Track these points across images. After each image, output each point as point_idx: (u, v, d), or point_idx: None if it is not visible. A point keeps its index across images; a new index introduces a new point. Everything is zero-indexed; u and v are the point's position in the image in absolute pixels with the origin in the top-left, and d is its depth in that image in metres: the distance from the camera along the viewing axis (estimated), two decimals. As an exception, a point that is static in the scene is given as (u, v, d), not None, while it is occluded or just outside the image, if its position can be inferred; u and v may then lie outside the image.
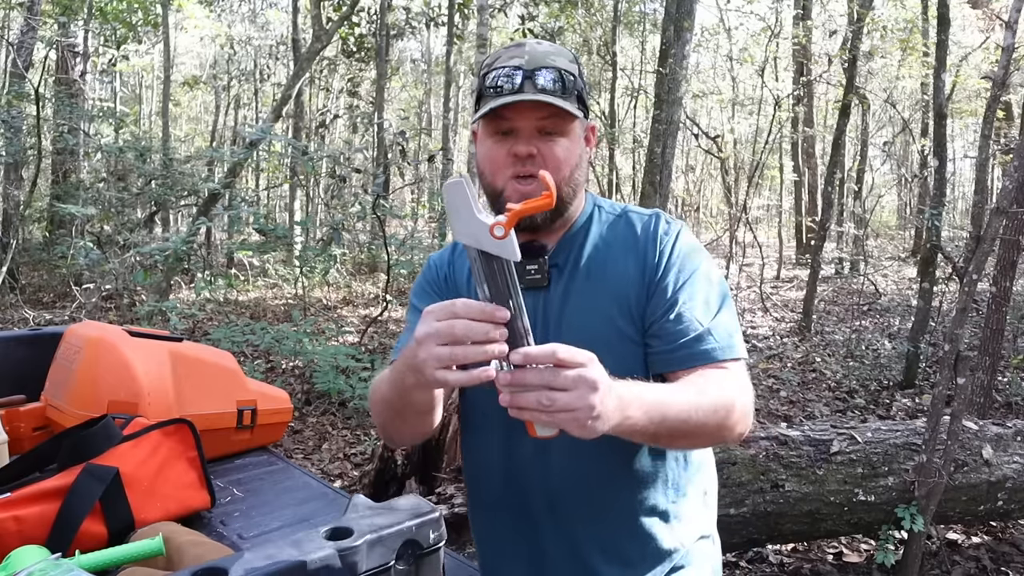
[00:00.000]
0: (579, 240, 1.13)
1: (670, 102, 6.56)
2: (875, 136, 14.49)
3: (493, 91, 1.04)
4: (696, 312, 1.05)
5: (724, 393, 0.99)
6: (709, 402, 0.96)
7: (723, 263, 8.59)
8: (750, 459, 2.40)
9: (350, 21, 9.69)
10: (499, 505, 1.17)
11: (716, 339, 1.04)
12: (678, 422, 0.93)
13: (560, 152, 1.05)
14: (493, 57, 1.09)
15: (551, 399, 0.77)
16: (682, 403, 0.94)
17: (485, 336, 0.77)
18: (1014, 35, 2.66)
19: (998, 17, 6.62)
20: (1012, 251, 3.94)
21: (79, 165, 9.68)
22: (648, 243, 1.11)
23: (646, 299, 1.08)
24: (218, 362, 1.47)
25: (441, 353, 0.78)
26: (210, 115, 17.35)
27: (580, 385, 0.77)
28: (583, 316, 1.08)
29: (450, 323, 0.78)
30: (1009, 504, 2.54)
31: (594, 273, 1.10)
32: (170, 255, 5.72)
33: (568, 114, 1.04)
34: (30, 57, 8.84)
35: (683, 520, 1.14)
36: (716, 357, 1.03)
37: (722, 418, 0.97)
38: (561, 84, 1.04)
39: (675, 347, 1.04)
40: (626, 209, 1.17)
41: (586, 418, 0.78)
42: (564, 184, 1.06)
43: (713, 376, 1.01)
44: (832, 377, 5.43)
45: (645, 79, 12.76)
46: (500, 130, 1.05)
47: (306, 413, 4.52)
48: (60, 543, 0.97)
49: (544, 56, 1.05)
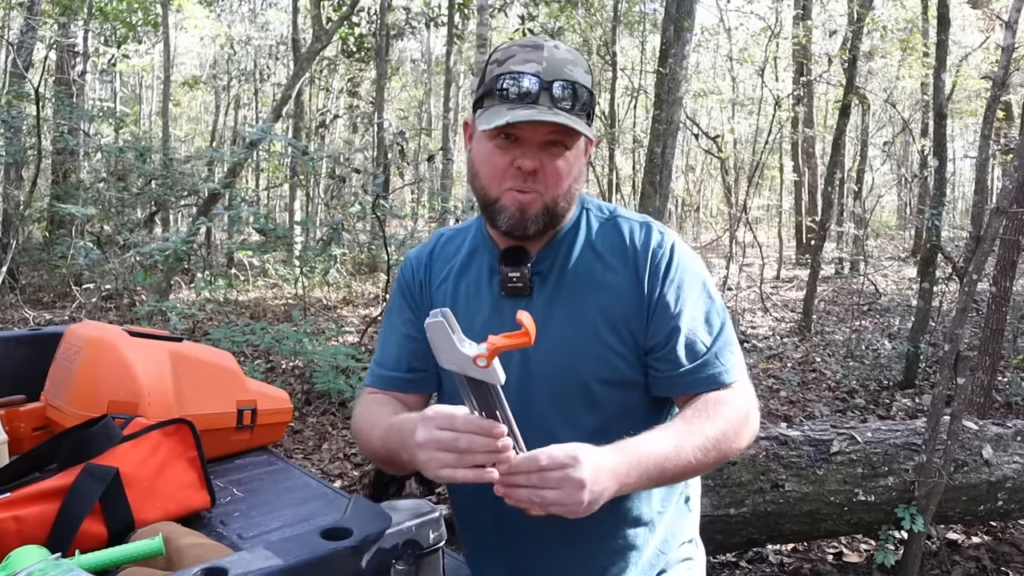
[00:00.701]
0: (564, 246, 1.10)
1: (670, 102, 6.56)
2: (875, 136, 14.49)
3: (505, 95, 0.99)
4: (700, 334, 1.04)
5: (730, 419, 1.00)
6: (713, 436, 0.97)
7: (723, 263, 8.59)
8: (750, 459, 2.40)
9: (350, 21, 9.69)
10: (478, 520, 1.16)
11: (722, 362, 1.03)
12: (678, 471, 0.95)
13: (562, 166, 1.03)
14: (505, 53, 1.03)
15: (541, 497, 0.83)
16: (684, 451, 0.94)
17: (485, 451, 0.82)
18: (1014, 35, 2.66)
19: (998, 17, 6.62)
20: (1012, 251, 3.94)
21: (79, 165, 9.67)
22: (639, 256, 1.07)
23: (645, 320, 1.05)
24: (218, 362, 1.47)
25: (445, 459, 0.82)
26: (210, 115, 17.34)
27: (566, 485, 0.82)
28: (566, 325, 1.06)
29: (454, 436, 0.82)
30: (1009, 504, 2.54)
31: (579, 281, 1.08)
32: (170, 255, 5.71)
33: (576, 131, 1.00)
34: (30, 57, 8.84)
35: (666, 528, 1.13)
36: (724, 382, 1.03)
37: (726, 446, 0.99)
38: (576, 100, 1.00)
39: (682, 373, 1.03)
40: (615, 213, 1.14)
41: (577, 510, 0.83)
42: (561, 198, 1.04)
43: (720, 401, 1.01)
44: (832, 377, 5.43)
45: (645, 79, 12.76)
46: (504, 134, 1.01)
47: (306, 413, 4.52)
48: (60, 543, 0.97)
49: (563, 65, 1.00)
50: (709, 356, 1.03)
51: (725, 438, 0.98)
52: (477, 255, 1.14)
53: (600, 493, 0.85)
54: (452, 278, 1.15)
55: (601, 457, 0.86)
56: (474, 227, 1.18)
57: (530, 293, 1.08)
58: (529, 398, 1.04)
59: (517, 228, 1.04)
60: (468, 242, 1.17)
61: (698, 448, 0.95)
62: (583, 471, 0.82)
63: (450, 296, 1.14)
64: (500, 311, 1.09)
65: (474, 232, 1.17)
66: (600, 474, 0.84)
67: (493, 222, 1.06)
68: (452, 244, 1.19)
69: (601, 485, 0.84)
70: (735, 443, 1.00)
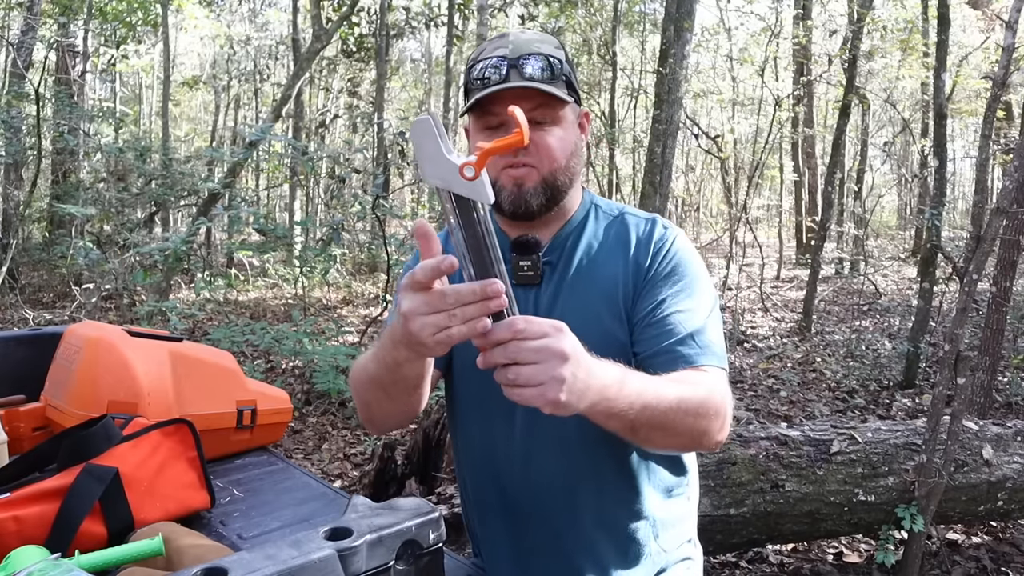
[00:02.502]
0: (573, 238, 1.11)
1: (670, 102, 6.56)
2: (875, 136, 14.50)
3: (479, 83, 1.02)
4: (681, 317, 1.03)
5: (711, 396, 0.96)
6: (695, 401, 0.93)
7: (723, 263, 8.59)
8: (750, 459, 2.40)
9: (350, 21, 9.69)
10: (485, 502, 1.17)
11: (698, 344, 1.02)
12: (659, 413, 0.88)
13: (554, 142, 1.03)
14: (478, 51, 1.07)
15: (516, 373, 0.73)
16: (667, 395, 0.90)
17: (475, 300, 0.73)
18: (1014, 35, 2.66)
19: (998, 17, 6.61)
20: (1012, 251, 3.94)
21: (79, 165, 9.67)
22: (641, 246, 1.09)
23: (632, 300, 1.06)
24: (218, 362, 1.47)
25: (437, 320, 0.74)
26: (210, 115, 17.33)
27: (545, 356, 0.73)
28: (572, 317, 1.04)
29: (440, 292, 0.74)
30: (1009, 504, 2.54)
31: (585, 273, 1.09)
32: (170, 255, 5.71)
33: (558, 101, 1.02)
34: (30, 57, 8.84)
35: (668, 524, 1.13)
36: (697, 362, 1.00)
37: (706, 420, 0.95)
38: (549, 71, 1.01)
39: (658, 350, 1.02)
40: (623, 211, 1.15)
41: (555, 392, 0.73)
42: (560, 173, 1.05)
43: (697, 379, 0.99)
44: (832, 377, 5.42)
45: (645, 79, 12.76)
46: (489, 125, 1.03)
47: (306, 413, 4.52)
48: (60, 543, 0.97)
49: (528, 44, 1.03)
50: (685, 336, 1.02)
51: (700, 410, 0.93)
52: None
53: (581, 390, 0.76)
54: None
55: (586, 354, 0.78)
56: None
57: (540, 282, 1.09)
58: None
59: (518, 205, 1.04)
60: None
61: (677, 398, 0.90)
62: (565, 343, 0.74)
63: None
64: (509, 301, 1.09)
65: None
66: (583, 361, 0.76)
67: (497, 206, 1.07)
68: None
69: (583, 376, 0.76)
70: (711, 423, 0.95)
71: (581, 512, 1.09)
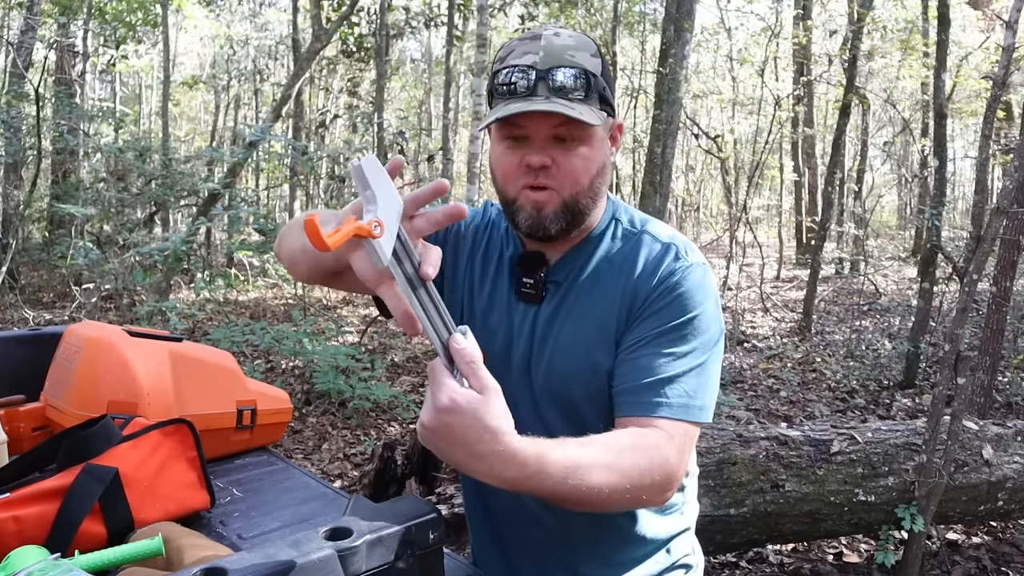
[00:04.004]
0: (584, 256, 1.04)
1: (670, 102, 6.56)
2: (875, 136, 14.51)
3: (504, 90, 0.94)
4: (658, 360, 0.93)
5: (650, 465, 0.85)
6: (630, 478, 0.82)
7: (723, 263, 8.59)
8: (750, 459, 2.40)
9: (350, 21, 9.69)
10: (477, 507, 1.16)
11: (666, 394, 0.92)
12: (582, 497, 0.80)
13: (578, 163, 0.95)
14: (507, 50, 0.98)
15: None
16: (591, 480, 0.79)
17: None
18: (1014, 35, 2.66)
19: (998, 17, 6.61)
20: (1012, 251, 3.94)
21: (79, 165, 9.67)
22: (646, 274, 0.99)
23: (624, 330, 0.99)
24: (218, 362, 1.46)
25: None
26: (210, 115, 17.34)
27: (431, 422, 0.69)
28: (564, 342, 1.01)
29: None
30: (1009, 504, 2.54)
31: (585, 297, 1.02)
32: (170, 255, 5.71)
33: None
34: (30, 57, 8.84)
35: (667, 527, 1.12)
36: (654, 413, 0.91)
37: (643, 491, 0.85)
38: (583, 86, 0.92)
39: (621, 390, 0.95)
40: (645, 228, 1.05)
41: (428, 445, 0.71)
42: (583, 195, 0.97)
43: (645, 438, 0.88)
44: (832, 377, 5.43)
45: (645, 79, 12.76)
46: (512, 136, 0.96)
47: (306, 413, 4.52)
48: (59, 543, 0.97)
49: (562, 52, 0.93)
50: (654, 382, 0.92)
51: (638, 483, 0.84)
52: (507, 247, 1.10)
53: (458, 461, 0.72)
54: (479, 263, 1.11)
55: (491, 436, 0.70)
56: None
57: (541, 301, 1.04)
58: (514, 405, 1.02)
59: (537, 229, 0.98)
60: (504, 230, 1.12)
61: (601, 487, 0.80)
62: (452, 419, 0.68)
63: (476, 278, 1.10)
64: (511, 312, 1.06)
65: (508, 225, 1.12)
66: (474, 441, 0.69)
67: (514, 223, 1.01)
68: (498, 227, 1.13)
69: (462, 455, 0.70)
70: (645, 493, 0.86)
71: (573, 529, 1.07)
